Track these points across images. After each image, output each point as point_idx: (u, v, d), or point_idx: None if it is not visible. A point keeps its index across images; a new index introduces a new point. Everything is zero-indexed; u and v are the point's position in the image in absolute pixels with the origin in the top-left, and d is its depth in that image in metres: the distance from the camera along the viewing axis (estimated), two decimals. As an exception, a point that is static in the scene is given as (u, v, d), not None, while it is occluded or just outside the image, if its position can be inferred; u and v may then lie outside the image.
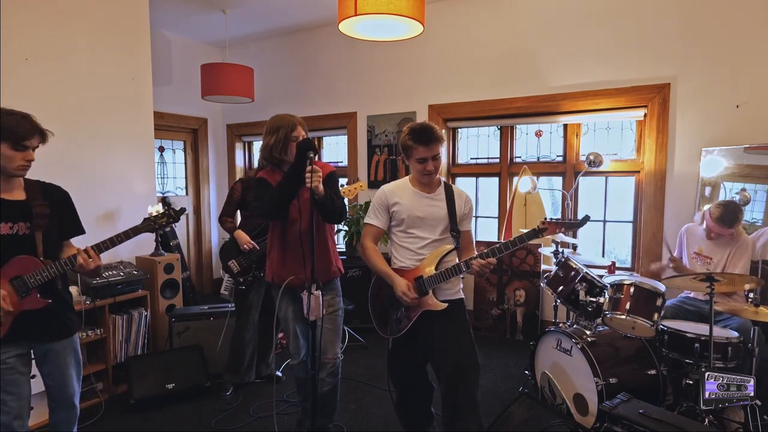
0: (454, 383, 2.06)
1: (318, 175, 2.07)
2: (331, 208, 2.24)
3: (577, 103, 3.85)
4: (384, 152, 4.74)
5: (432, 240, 2.17)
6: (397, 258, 2.24)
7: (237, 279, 3.11)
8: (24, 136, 1.77)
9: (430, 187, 2.22)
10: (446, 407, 2.10)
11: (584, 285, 2.86)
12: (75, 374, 2.03)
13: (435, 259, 2.12)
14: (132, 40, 3.65)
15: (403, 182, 2.27)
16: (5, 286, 1.80)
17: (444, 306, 2.08)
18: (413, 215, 2.16)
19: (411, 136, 2.10)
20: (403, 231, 2.20)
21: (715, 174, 3.37)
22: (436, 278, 2.09)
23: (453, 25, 4.32)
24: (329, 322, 2.40)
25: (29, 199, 1.88)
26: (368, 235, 2.25)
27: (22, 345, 1.88)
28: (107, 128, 3.50)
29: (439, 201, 2.20)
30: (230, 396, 3.14)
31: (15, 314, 1.83)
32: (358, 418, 2.88)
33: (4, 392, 1.82)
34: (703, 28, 3.40)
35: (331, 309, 2.41)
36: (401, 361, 2.30)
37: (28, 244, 1.85)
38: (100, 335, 3.09)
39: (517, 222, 4.21)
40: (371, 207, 2.25)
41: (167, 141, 5.39)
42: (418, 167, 2.14)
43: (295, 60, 5.23)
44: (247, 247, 3.05)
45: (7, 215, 1.82)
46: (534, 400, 2.78)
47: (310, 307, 2.05)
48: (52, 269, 1.85)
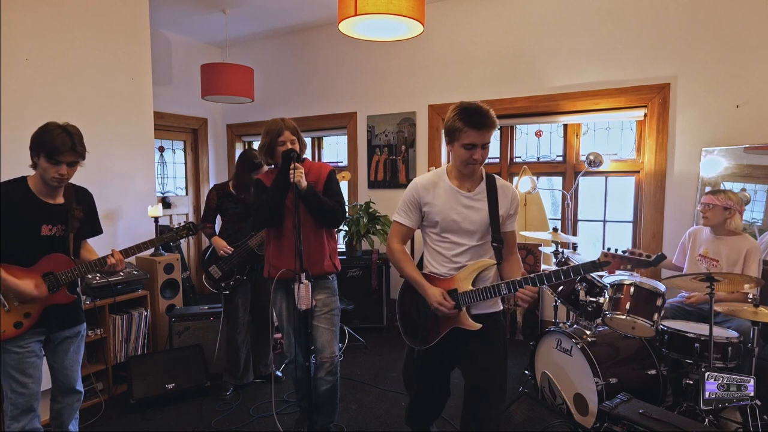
0: (475, 403, 1.92)
1: (299, 172, 2.15)
2: (317, 205, 2.25)
3: (577, 103, 3.85)
4: (384, 152, 4.74)
5: (469, 247, 1.92)
6: (429, 262, 2.01)
7: (219, 284, 3.10)
8: (58, 151, 1.89)
9: (470, 182, 1.94)
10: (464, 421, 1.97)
11: (584, 285, 2.86)
12: (80, 360, 2.20)
13: (473, 272, 1.90)
14: (132, 40, 3.65)
15: (438, 175, 1.97)
16: (38, 280, 1.97)
17: (478, 327, 1.87)
18: (448, 218, 1.91)
19: (461, 116, 1.79)
20: (437, 234, 1.96)
21: (715, 174, 3.37)
22: (472, 296, 1.87)
23: (453, 25, 4.32)
24: (325, 322, 2.39)
25: (67, 203, 2.06)
26: (396, 235, 2.01)
27: (40, 332, 2.03)
28: (107, 128, 3.50)
29: (479, 201, 1.92)
30: (230, 396, 3.14)
31: (45, 304, 2.00)
32: (358, 418, 2.88)
33: (25, 375, 1.97)
34: (703, 28, 3.40)
35: (326, 308, 2.39)
36: (424, 370, 2.12)
37: (61, 244, 2.03)
38: (100, 335, 3.09)
39: (518, 222, 4.20)
40: (402, 202, 2.01)
41: (167, 141, 5.38)
42: (463, 155, 1.83)
43: (295, 60, 5.23)
44: (223, 252, 3.04)
45: (49, 218, 2.00)
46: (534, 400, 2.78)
47: (300, 296, 2.06)
48: (82, 268, 2.04)
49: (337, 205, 2.37)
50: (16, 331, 1.94)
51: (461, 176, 1.93)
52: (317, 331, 2.38)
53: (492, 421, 1.90)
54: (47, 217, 1.99)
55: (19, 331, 1.95)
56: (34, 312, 1.98)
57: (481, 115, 1.78)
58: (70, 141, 1.91)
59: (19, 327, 1.95)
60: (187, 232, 2.28)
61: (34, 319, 1.98)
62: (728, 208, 2.83)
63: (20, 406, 1.97)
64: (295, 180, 2.13)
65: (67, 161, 1.93)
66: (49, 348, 2.09)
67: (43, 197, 2.00)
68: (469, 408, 1.94)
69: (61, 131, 1.91)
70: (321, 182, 2.39)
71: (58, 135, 1.89)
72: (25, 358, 1.97)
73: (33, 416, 2.02)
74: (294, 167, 2.14)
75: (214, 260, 3.12)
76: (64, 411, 2.19)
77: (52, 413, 2.19)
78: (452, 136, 1.85)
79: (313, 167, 2.43)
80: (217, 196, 3.17)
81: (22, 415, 1.99)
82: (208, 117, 5.63)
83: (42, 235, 1.98)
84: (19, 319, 1.95)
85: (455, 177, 1.94)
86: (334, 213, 2.34)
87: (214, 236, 3.12)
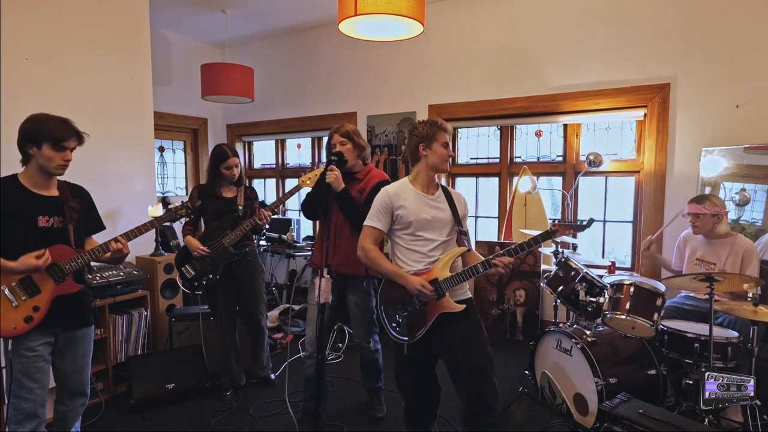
0: (474, 383, 2.03)
1: (333, 173, 2.40)
2: (348, 208, 2.48)
3: (577, 103, 3.85)
4: (384, 152, 4.74)
5: (441, 241, 2.15)
6: (404, 262, 2.18)
7: (192, 284, 3.03)
8: (63, 137, 1.95)
9: (431, 189, 2.22)
10: (468, 406, 2.07)
11: (584, 285, 2.86)
12: (89, 363, 2.21)
13: (448, 261, 2.11)
14: (132, 40, 3.65)
15: (403, 183, 2.24)
16: (43, 272, 1.99)
17: (462, 307, 2.07)
18: (420, 218, 2.14)
19: (431, 124, 2.17)
20: (411, 234, 2.16)
21: (715, 174, 3.37)
22: (453, 280, 2.06)
23: (453, 25, 4.32)
24: (363, 322, 2.64)
25: (62, 196, 2.07)
26: (369, 238, 2.19)
27: (49, 333, 2.03)
28: (107, 128, 3.50)
29: (442, 203, 2.21)
30: (230, 396, 3.14)
31: (53, 295, 2.00)
32: (358, 418, 2.88)
33: (32, 380, 1.97)
34: (703, 28, 3.40)
35: (358, 311, 2.62)
36: (414, 366, 2.23)
37: (61, 236, 2.04)
38: (101, 335, 3.09)
39: (517, 222, 4.21)
40: (373, 208, 2.20)
41: (167, 141, 5.39)
42: (443, 152, 2.15)
43: (295, 60, 5.23)
44: (197, 253, 2.97)
45: (44, 209, 2.01)
46: (534, 400, 2.78)
47: (321, 290, 2.18)
48: (85, 256, 2.04)
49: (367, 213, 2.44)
50: (27, 326, 1.95)
51: (423, 185, 2.22)
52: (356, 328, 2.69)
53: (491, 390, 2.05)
54: (43, 208, 2.00)
55: (30, 326, 1.95)
56: (42, 305, 1.97)
57: (443, 122, 2.20)
58: (70, 127, 1.98)
59: (29, 321, 1.95)
60: (185, 211, 2.33)
61: (43, 312, 1.97)
62: (716, 214, 2.84)
63: (24, 411, 1.96)
64: (329, 180, 2.39)
65: (71, 147, 2.00)
66: (57, 351, 2.08)
67: (37, 190, 2.01)
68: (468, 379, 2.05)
69: (57, 119, 1.96)
70: (367, 190, 2.56)
71: (57, 123, 1.95)
72: (33, 362, 1.97)
73: (37, 423, 2.00)
74: (330, 169, 2.41)
75: (186, 260, 3.04)
76: (69, 414, 2.18)
77: (56, 414, 2.18)
78: (430, 140, 2.16)
79: (368, 175, 2.63)
80: (198, 194, 3.10)
81: (26, 421, 1.97)
82: (208, 117, 5.63)
83: (40, 226, 1.99)
84: (29, 313, 1.95)
85: (418, 185, 2.22)
86: (362, 219, 2.34)
87: (188, 236, 3.04)
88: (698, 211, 2.87)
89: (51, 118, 1.96)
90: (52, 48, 3.18)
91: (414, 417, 2.34)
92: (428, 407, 2.33)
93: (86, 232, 2.21)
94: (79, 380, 2.16)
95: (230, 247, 2.98)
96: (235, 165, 3.05)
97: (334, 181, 2.41)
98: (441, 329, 2.10)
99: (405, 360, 2.19)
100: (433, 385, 2.30)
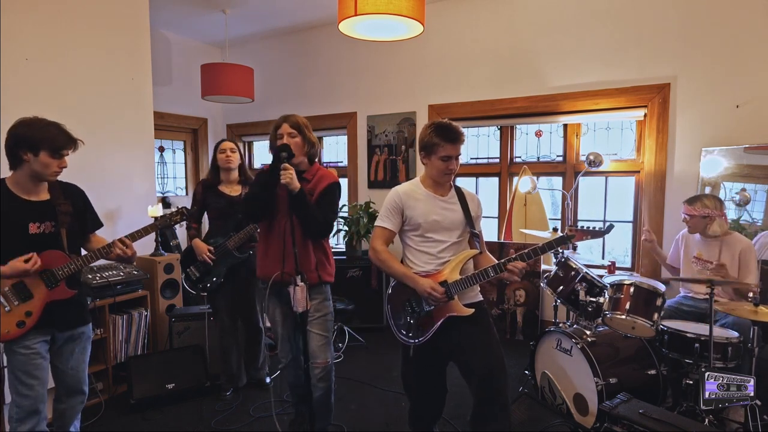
0: (487, 387, 2.00)
1: (288, 173, 2.11)
2: (302, 212, 2.19)
3: (577, 103, 3.85)
4: (384, 152, 4.74)
5: (451, 243, 2.11)
6: (414, 263, 2.14)
7: (197, 285, 3.04)
8: (62, 145, 1.94)
9: (443, 190, 2.16)
10: (480, 410, 2.04)
11: (584, 285, 2.86)
12: (87, 360, 2.20)
13: (458, 263, 2.07)
14: (132, 40, 3.65)
15: (414, 184, 2.19)
16: (35, 278, 1.97)
17: (471, 311, 2.03)
18: (430, 219, 2.09)
19: (437, 133, 2.04)
20: (420, 235, 2.12)
21: (715, 174, 3.37)
22: (463, 283, 2.03)
23: (453, 25, 4.32)
24: (318, 327, 2.33)
25: (53, 200, 2.04)
26: (379, 238, 2.14)
27: (45, 332, 2.03)
28: (107, 128, 3.50)
29: (454, 204, 2.15)
30: (230, 396, 3.14)
31: (45, 301, 1.99)
32: (358, 418, 2.88)
33: (31, 377, 1.98)
34: (703, 28, 3.40)
35: (318, 314, 2.33)
36: (421, 367, 2.22)
37: (54, 241, 2.01)
38: (100, 335, 3.09)
39: (517, 222, 4.21)
40: (384, 209, 2.16)
41: (167, 141, 5.38)
42: (440, 166, 2.07)
43: (295, 60, 5.23)
44: (202, 259, 2.95)
45: (35, 216, 1.99)
46: (534, 400, 2.79)
47: (296, 299, 2.05)
48: (78, 261, 2.02)
49: (324, 218, 2.29)
50: (20, 330, 1.94)
51: (435, 186, 2.16)
52: (309, 336, 2.30)
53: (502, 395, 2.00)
54: (33, 215, 1.98)
55: (22, 330, 1.95)
56: (35, 310, 1.96)
57: (454, 132, 2.05)
58: (68, 134, 1.96)
59: (21, 326, 1.95)
60: (181, 217, 2.30)
61: (35, 317, 1.97)
62: (707, 216, 2.85)
63: (26, 408, 1.98)
64: (284, 181, 2.10)
65: (67, 153, 1.98)
66: (55, 349, 2.09)
67: (27, 196, 1.98)
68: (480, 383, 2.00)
69: (54, 126, 1.94)
70: (316, 192, 2.32)
71: (54, 130, 1.93)
72: (31, 359, 1.97)
73: (39, 418, 2.02)
74: (284, 168, 2.10)
75: (191, 261, 3.05)
76: (68, 412, 2.19)
77: (55, 413, 2.20)
78: (429, 151, 2.08)
79: (317, 174, 2.36)
80: (202, 189, 3.10)
81: (28, 418, 1.99)
82: (208, 117, 5.62)
83: (30, 233, 1.96)
84: (21, 318, 1.95)
85: (430, 186, 2.16)
86: (317, 225, 2.26)
87: (195, 238, 3.04)
88: (688, 212, 2.91)
89: (48, 124, 1.93)
90: (52, 48, 3.18)
91: (418, 417, 2.33)
92: (433, 409, 2.32)
93: (87, 231, 2.20)
94: (77, 378, 2.16)
95: (234, 251, 2.98)
96: (230, 149, 3.06)
97: (291, 182, 2.12)
98: (450, 331, 2.06)
99: (412, 360, 2.18)
100: (440, 387, 2.28)
